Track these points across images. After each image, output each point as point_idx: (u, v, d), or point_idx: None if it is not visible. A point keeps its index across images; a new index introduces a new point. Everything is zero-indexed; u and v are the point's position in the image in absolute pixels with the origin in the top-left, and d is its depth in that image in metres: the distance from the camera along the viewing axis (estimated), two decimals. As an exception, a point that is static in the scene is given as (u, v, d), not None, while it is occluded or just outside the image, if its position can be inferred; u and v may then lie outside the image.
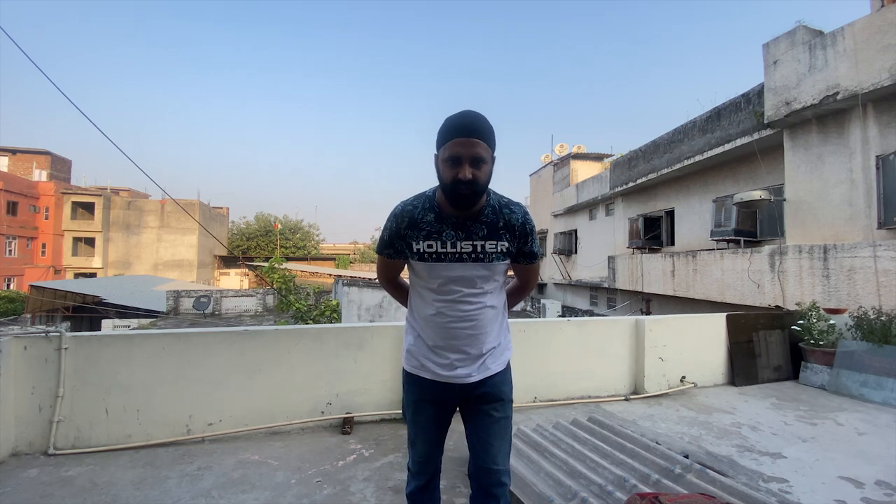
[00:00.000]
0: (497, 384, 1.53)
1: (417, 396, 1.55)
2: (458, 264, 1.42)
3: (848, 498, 2.36)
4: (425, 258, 1.43)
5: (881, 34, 5.84)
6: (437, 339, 1.47)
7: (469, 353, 1.47)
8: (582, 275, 18.38)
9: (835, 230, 6.56)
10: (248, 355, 3.21)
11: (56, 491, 2.34)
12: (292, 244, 44.72)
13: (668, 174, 11.74)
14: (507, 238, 1.45)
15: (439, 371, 1.48)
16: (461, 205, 1.38)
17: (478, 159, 1.32)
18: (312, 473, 2.57)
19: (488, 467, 1.48)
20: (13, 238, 30.38)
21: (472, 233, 1.42)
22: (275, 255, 20.87)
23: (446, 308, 1.45)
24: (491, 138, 1.37)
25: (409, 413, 1.60)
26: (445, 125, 1.36)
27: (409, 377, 1.57)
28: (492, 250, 1.43)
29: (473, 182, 1.32)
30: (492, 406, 1.51)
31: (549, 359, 4.00)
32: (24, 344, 2.81)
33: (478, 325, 1.46)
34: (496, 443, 1.49)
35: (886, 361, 4.03)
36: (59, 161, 37.76)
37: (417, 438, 1.57)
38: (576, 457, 2.39)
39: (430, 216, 1.43)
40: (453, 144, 1.32)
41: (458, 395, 1.52)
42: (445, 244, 1.41)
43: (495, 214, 1.45)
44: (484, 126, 1.35)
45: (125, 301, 18.53)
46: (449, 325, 1.45)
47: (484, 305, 1.47)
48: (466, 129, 1.32)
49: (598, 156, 21.35)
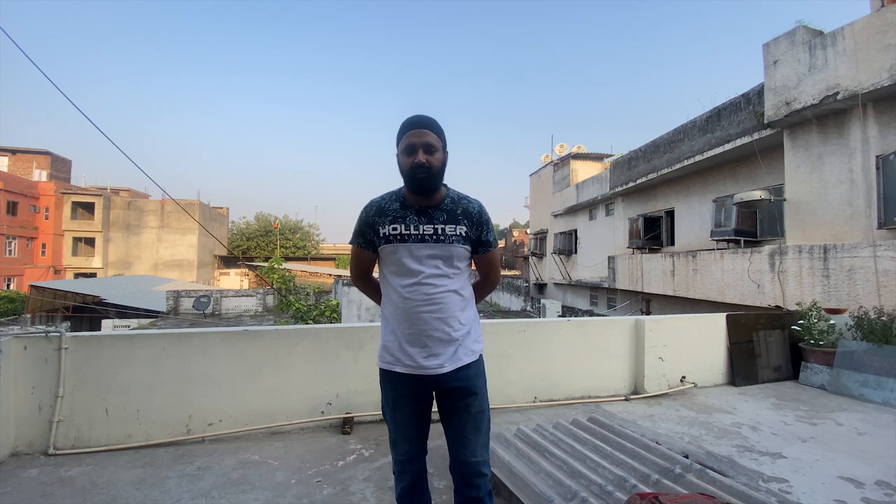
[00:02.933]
0: (470, 377, 1.59)
1: (394, 392, 1.60)
2: (421, 244, 1.54)
3: (848, 498, 2.36)
4: (390, 240, 1.55)
5: (881, 34, 5.84)
6: (406, 326, 1.54)
7: (438, 339, 1.53)
8: (582, 275, 18.37)
9: (835, 230, 6.56)
10: (248, 355, 3.21)
11: (56, 491, 2.34)
12: (292, 244, 44.71)
13: (668, 174, 11.74)
14: (465, 224, 1.59)
15: (411, 363, 1.54)
16: (421, 188, 1.54)
17: (429, 146, 1.52)
18: (312, 473, 2.57)
19: (467, 460, 1.57)
20: (13, 238, 30.37)
21: (433, 218, 1.57)
22: (275, 255, 20.88)
23: (412, 292, 1.53)
24: (440, 131, 1.57)
25: (387, 412, 1.64)
26: (402, 125, 1.58)
27: (384, 374, 1.62)
28: (451, 233, 1.56)
29: (428, 166, 1.51)
30: (465, 401, 1.58)
31: (549, 359, 4.00)
32: (24, 344, 2.80)
33: (444, 309, 1.54)
34: (473, 437, 1.58)
35: (886, 361, 4.03)
36: (59, 161, 37.74)
37: (398, 437, 1.62)
38: (576, 457, 2.39)
39: (396, 205, 1.60)
40: (407, 136, 1.54)
41: (431, 387, 1.58)
42: (409, 227, 1.55)
43: (454, 204, 1.62)
44: (432, 121, 1.57)
45: (125, 301, 18.54)
46: (415, 309, 1.52)
47: (447, 289, 1.56)
48: (417, 123, 1.54)
49: (598, 156, 21.35)
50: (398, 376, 1.57)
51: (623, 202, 15.30)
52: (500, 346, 3.82)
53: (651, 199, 13.50)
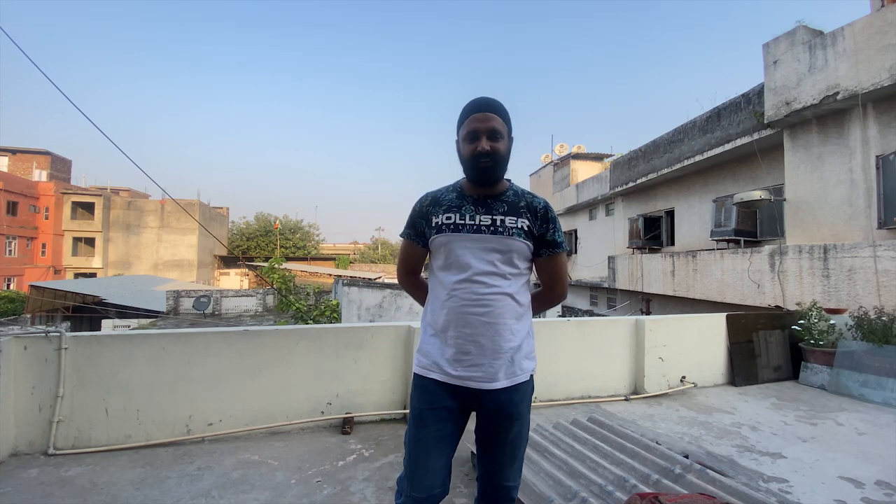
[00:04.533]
0: (516, 401, 1.39)
1: (425, 404, 1.38)
2: (476, 235, 1.38)
3: (848, 498, 2.36)
4: (443, 229, 1.41)
5: (881, 34, 5.84)
6: (449, 325, 1.36)
7: (485, 348, 1.33)
8: (582, 275, 18.37)
9: (835, 230, 6.56)
10: (248, 355, 3.21)
11: (56, 491, 2.34)
12: (292, 244, 44.71)
13: (668, 174, 11.73)
14: (527, 217, 1.42)
15: (452, 370, 1.35)
16: (483, 177, 1.41)
17: (494, 132, 1.37)
18: (312, 473, 2.57)
19: (500, 484, 1.43)
20: (13, 238, 30.36)
21: (492, 208, 1.42)
22: (275, 255, 20.88)
23: (460, 290, 1.36)
24: (506, 115, 1.42)
25: (411, 430, 1.40)
26: (464, 108, 1.44)
27: (418, 381, 1.43)
28: (511, 225, 1.40)
29: (492, 153, 1.37)
30: (507, 426, 1.39)
31: (549, 359, 4.00)
32: (24, 344, 2.80)
33: (493, 314, 1.35)
34: (508, 463, 1.42)
35: (886, 361, 4.03)
36: (59, 161, 37.74)
37: (417, 466, 1.36)
38: (576, 457, 2.39)
39: (453, 195, 1.47)
40: (471, 121, 1.39)
41: (470, 405, 1.39)
42: (464, 216, 1.41)
43: (517, 197, 1.46)
44: (498, 104, 1.42)
45: (125, 301, 18.53)
46: (462, 309, 1.35)
47: (500, 291, 1.37)
48: (482, 106, 1.40)
49: (598, 156, 21.35)
50: (434, 385, 1.37)
51: (623, 202, 15.30)
52: (500, 346, 3.81)
53: (651, 199, 13.50)
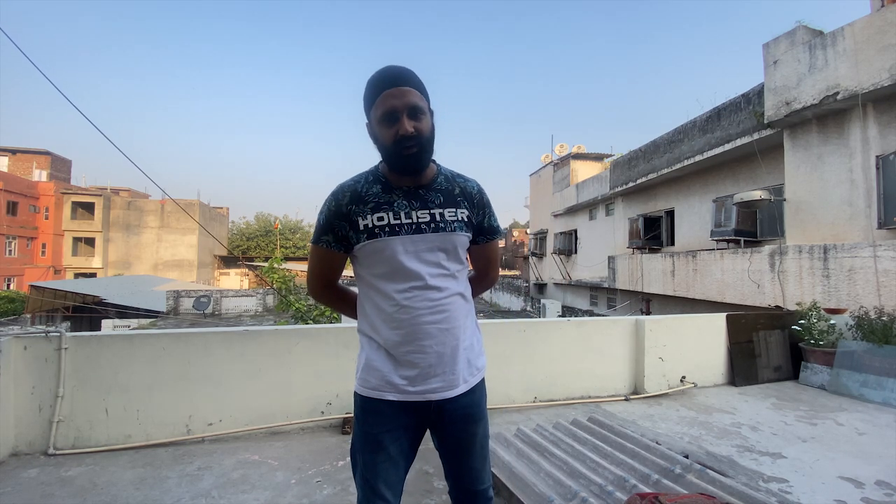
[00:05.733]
0: (476, 402, 1.30)
1: (380, 428, 1.22)
2: (418, 236, 1.19)
3: (848, 498, 2.36)
4: (376, 233, 1.18)
5: (881, 34, 5.84)
6: (402, 341, 1.20)
7: (443, 356, 1.21)
8: (582, 275, 18.38)
9: (835, 230, 6.56)
10: (248, 355, 3.21)
11: (56, 491, 2.34)
12: (292, 244, 44.73)
13: (668, 174, 11.74)
14: (465, 206, 1.28)
15: (409, 387, 1.20)
16: (410, 165, 1.19)
17: (415, 108, 1.16)
18: (312, 473, 2.57)
19: (476, 490, 1.32)
20: (13, 238, 30.37)
21: (427, 201, 1.23)
22: (275, 255, 20.87)
23: (411, 299, 1.19)
24: (422, 86, 1.21)
25: (362, 455, 1.24)
26: (370, 82, 1.19)
27: (367, 404, 1.24)
28: (451, 218, 1.23)
29: (417, 136, 1.15)
30: (473, 430, 1.29)
31: (549, 359, 4.00)
32: (24, 344, 2.80)
33: (450, 318, 1.22)
34: (480, 464, 1.33)
35: (886, 361, 4.03)
36: (59, 161, 37.75)
37: (374, 491, 1.21)
38: (576, 457, 2.39)
39: (377, 188, 1.23)
40: (384, 98, 1.15)
41: (430, 418, 1.25)
42: (399, 215, 1.19)
43: (449, 183, 1.29)
44: (412, 74, 1.19)
45: (125, 301, 18.54)
46: (416, 320, 1.19)
47: (453, 292, 1.24)
48: (395, 78, 1.17)
49: (598, 156, 21.37)
50: (389, 407, 1.22)
51: (623, 202, 15.31)
52: (500, 346, 3.82)
53: (651, 199, 13.51)
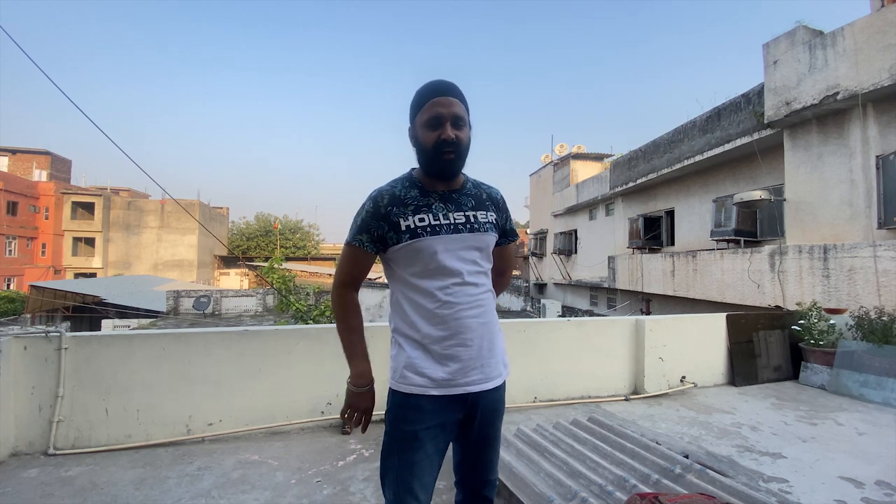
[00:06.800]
0: (503, 396, 1.39)
1: (420, 426, 1.24)
2: (455, 236, 1.28)
3: (848, 498, 2.36)
4: (418, 234, 1.25)
5: (881, 34, 5.84)
6: (445, 336, 1.25)
7: (482, 349, 1.29)
8: (582, 275, 18.38)
9: (835, 230, 6.56)
10: (248, 355, 3.21)
11: (56, 491, 2.34)
12: (292, 244, 44.72)
13: (668, 174, 11.74)
14: (493, 209, 1.40)
15: (452, 381, 1.25)
16: (446, 170, 1.29)
17: (458, 118, 1.26)
18: (312, 473, 2.57)
19: (488, 479, 1.40)
20: (13, 238, 30.37)
21: (460, 204, 1.33)
22: (275, 255, 20.86)
23: (452, 295, 1.26)
24: (466, 102, 1.32)
25: (398, 456, 1.25)
26: (420, 91, 1.30)
27: (408, 401, 1.26)
28: (483, 220, 1.34)
29: (457, 143, 1.25)
30: (496, 423, 1.37)
31: (549, 359, 4.00)
32: (24, 344, 2.81)
33: (486, 312, 1.32)
34: (495, 456, 1.42)
35: (886, 361, 4.03)
36: (59, 161, 37.75)
37: (409, 491, 1.22)
38: (576, 457, 2.39)
39: (414, 192, 1.31)
40: (432, 105, 1.25)
41: (465, 412, 1.30)
42: (437, 216, 1.28)
43: (476, 189, 1.41)
44: (459, 89, 1.30)
45: (125, 301, 18.52)
46: (458, 314, 1.26)
47: (487, 288, 1.35)
48: (444, 89, 1.27)
49: (598, 156, 21.36)
50: (430, 403, 1.24)
51: (623, 202, 15.30)
52: (500, 346, 3.81)
53: (651, 199, 13.50)
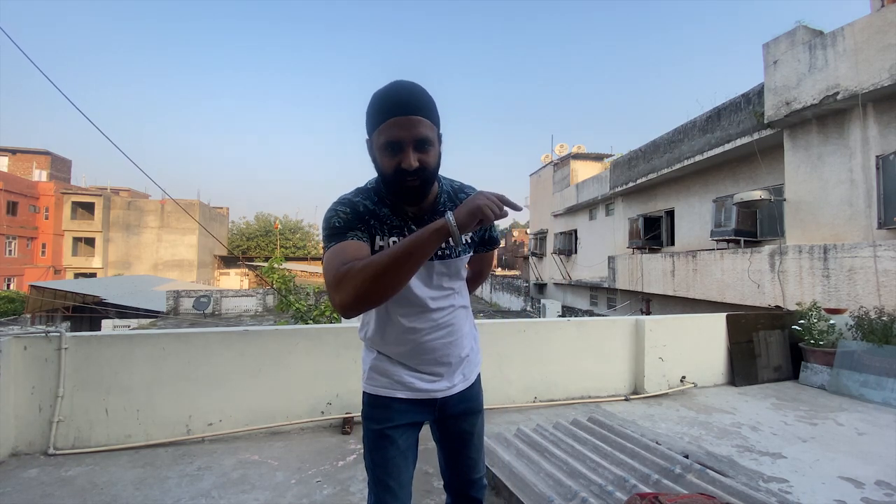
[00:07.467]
0: (475, 395, 1.39)
1: (388, 423, 1.26)
2: (426, 263, 1.18)
3: (848, 498, 2.36)
4: None
5: (881, 34, 5.84)
6: (410, 357, 1.26)
7: (449, 366, 1.29)
8: (582, 275, 18.38)
9: (835, 230, 6.56)
10: (248, 355, 3.21)
11: (56, 491, 2.34)
12: (292, 244, 44.73)
13: (668, 174, 11.74)
14: None
15: (418, 384, 1.26)
16: (410, 197, 1.12)
17: (423, 141, 1.05)
18: (312, 473, 2.57)
19: (472, 478, 1.40)
20: (13, 238, 30.36)
21: None
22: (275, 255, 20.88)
23: (417, 320, 1.22)
24: (434, 113, 1.09)
25: (372, 454, 1.27)
26: (375, 103, 1.07)
27: (376, 402, 1.28)
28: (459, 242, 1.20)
29: (421, 170, 1.06)
30: (472, 422, 1.37)
31: (549, 359, 4.00)
32: (24, 344, 2.81)
33: (454, 331, 1.28)
34: (477, 455, 1.40)
35: (886, 361, 4.03)
36: (59, 161, 37.73)
37: (387, 490, 1.23)
38: (576, 457, 2.39)
39: (385, 210, 1.17)
40: (389, 126, 1.04)
41: (432, 414, 1.32)
42: None
43: (453, 202, 1.22)
44: (424, 98, 1.07)
45: (125, 301, 18.52)
46: (422, 338, 1.24)
47: (455, 307, 1.29)
48: (403, 105, 1.04)
49: (598, 156, 21.37)
50: (396, 403, 1.27)
51: (623, 202, 15.30)
52: (499, 346, 3.81)
53: (651, 199, 13.50)
